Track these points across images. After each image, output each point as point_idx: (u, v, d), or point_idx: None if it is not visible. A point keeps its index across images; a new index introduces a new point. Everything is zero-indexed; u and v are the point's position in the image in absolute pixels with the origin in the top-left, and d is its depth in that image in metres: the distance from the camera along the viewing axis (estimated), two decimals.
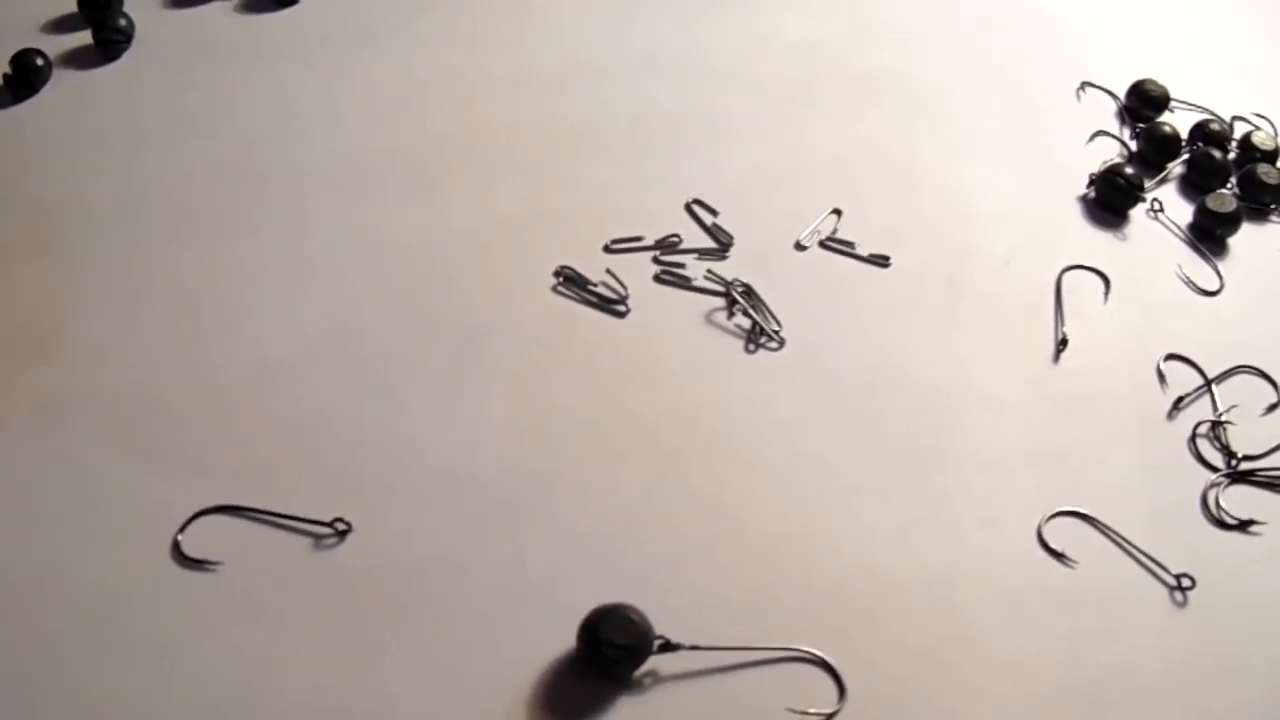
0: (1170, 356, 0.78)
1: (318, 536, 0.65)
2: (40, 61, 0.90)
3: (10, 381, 0.71)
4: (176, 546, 0.64)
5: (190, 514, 0.65)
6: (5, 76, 0.89)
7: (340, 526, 0.66)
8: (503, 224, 0.83)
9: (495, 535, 0.66)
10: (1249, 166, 0.90)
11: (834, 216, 0.84)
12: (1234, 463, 0.73)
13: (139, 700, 0.59)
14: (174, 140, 0.87)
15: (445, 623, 0.63)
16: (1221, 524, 0.70)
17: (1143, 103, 0.96)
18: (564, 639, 0.61)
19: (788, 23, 1.02)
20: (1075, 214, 0.88)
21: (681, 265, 0.80)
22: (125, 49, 0.94)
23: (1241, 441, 0.73)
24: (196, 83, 0.92)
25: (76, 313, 0.75)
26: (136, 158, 0.85)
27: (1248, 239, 0.87)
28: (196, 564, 0.64)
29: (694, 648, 0.61)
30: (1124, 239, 0.86)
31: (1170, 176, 0.92)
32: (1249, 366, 0.78)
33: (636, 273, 0.80)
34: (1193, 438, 0.74)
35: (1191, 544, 0.69)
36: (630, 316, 0.78)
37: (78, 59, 0.93)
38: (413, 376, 0.73)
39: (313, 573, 0.64)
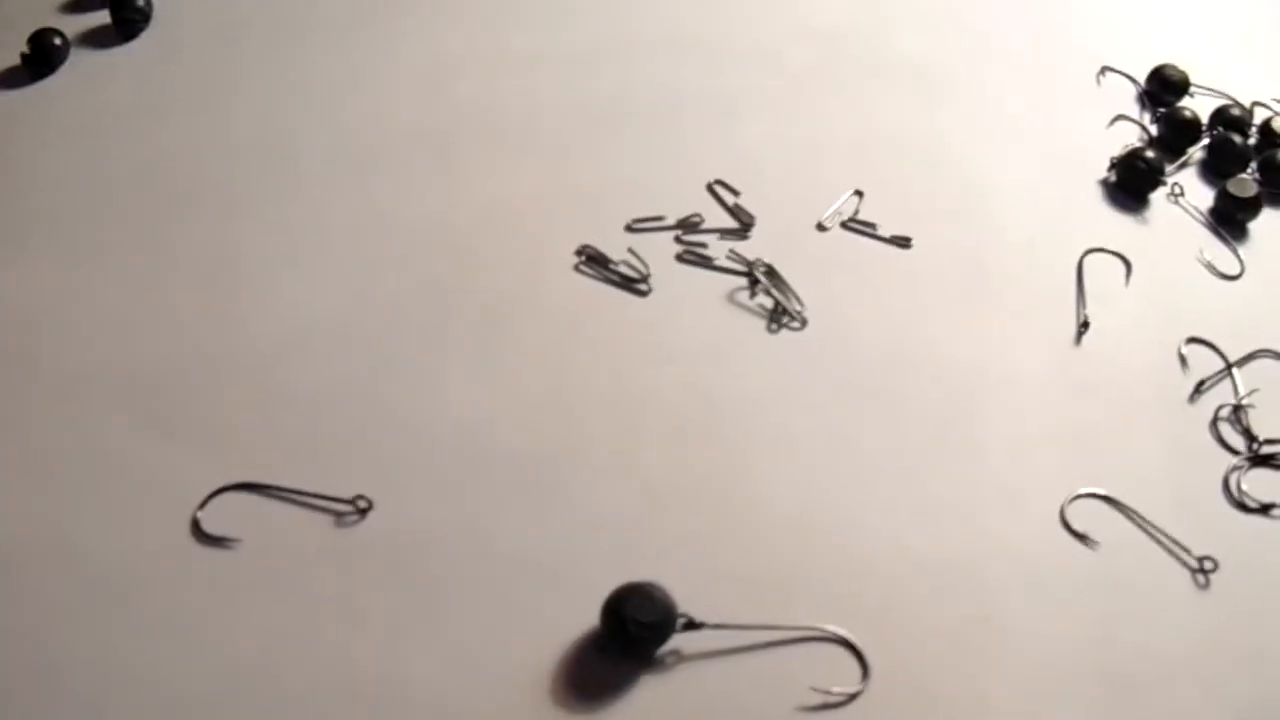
0: (1191, 340, 0.78)
1: (338, 514, 0.65)
2: (58, 41, 0.90)
3: (31, 358, 0.71)
4: (196, 523, 0.64)
5: (210, 491, 0.65)
6: (24, 56, 0.89)
7: (361, 504, 0.65)
8: (525, 202, 0.82)
9: (517, 513, 0.66)
10: (1269, 151, 0.90)
11: (856, 198, 0.84)
12: (1255, 446, 0.72)
13: (158, 675, 0.59)
14: (194, 119, 0.87)
15: (467, 600, 0.62)
16: (1243, 507, 0.70)
17: (1163, 87, 0.95)
18: (587, 617, 0.61)
19: (810, 5, 1.01)
20: (1096, 197, 0.87)
21: (703, 245, 0.80)
22: (144, 28, 0.94)
23: (1263, 425, 0.73)
24: (216, 62, 0.92)
25: (96, 289, 0.75)
26: (156, 136, 0.85)
27: (1268, 224, 0.87)
28: (216, 541, 0.64)
29: (718, 626, 0.61)
30: (1145, 223, 0.86)
31: (1190, 161, 0.91)
32: (1270, 350, 0.77)
33: (658, 252, 0.79)
34: (1214, 421, 0.74)
35: (1213, 527, 0.68)
36: (652, 296, 0.78)
37: (96, 39, 0.93)
38: (434, 354, 0.73)
39: (333, 550, 0.64)
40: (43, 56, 0.89)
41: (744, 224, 0.82)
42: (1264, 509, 0.69)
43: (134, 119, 0.86)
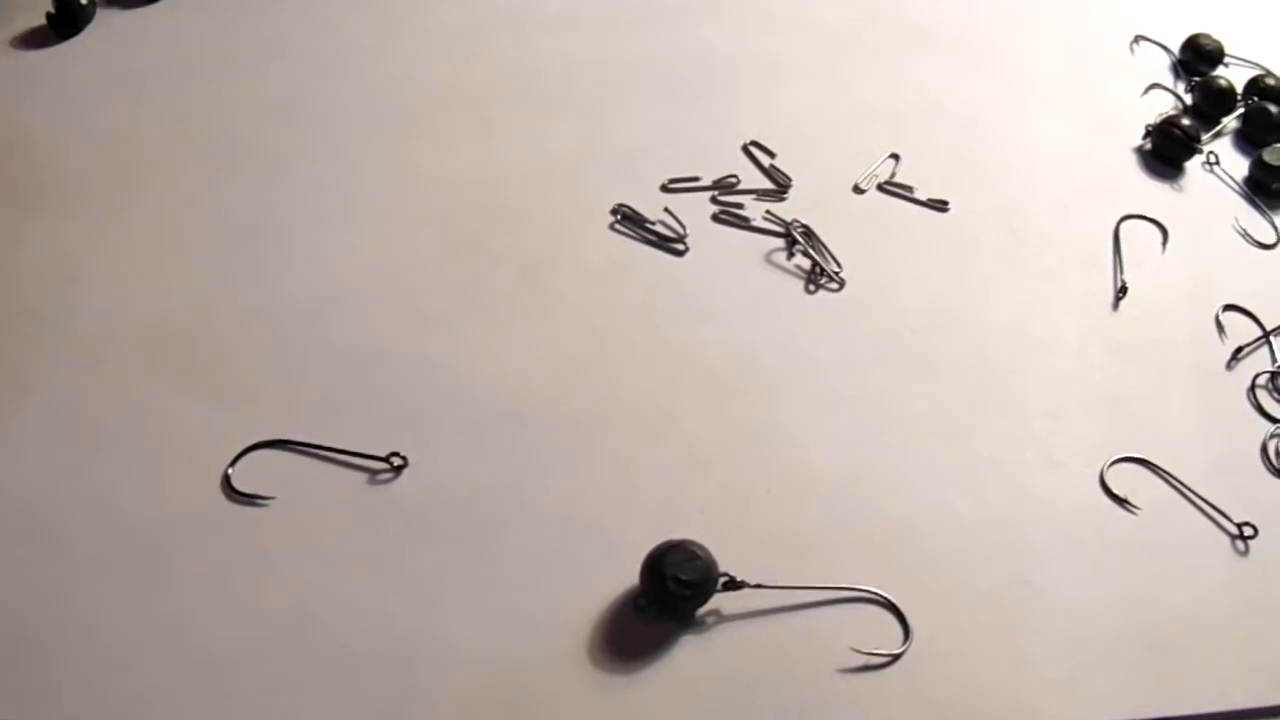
0: (1229, 307, 0.77)
1: (373, 471, 0.65)
2: (84, 0, 0.89)
3: (65, 316, 0.71)
4: (227, 480, 0.63)
5: (241, 448, 0.65)
6: (49, 16, 0.89)
7: (396, 461, 0.65)
8: (560, 162, 0.82)
9: (555, 471, 0.66)
10: None
11: (892, 161, 0.84)
12: None
13: (190, 631, 0.58)
14: (225, 79, 0.86)
15: (504, 559, 0.62)
16: None
17: (1197, 57, 0.95)
18: (626, 576, 0.61)
19: None
20: (1132, 165, 0.87)
21: (740, 205, 0.80)
22: None
23: None
24: (245, 21, 0.91)
25: (129, 248, 0.75)
26: (187, 96, 0.84)
27: None
28: (247, 498, 0.63)
29: (758, 586, 0.60)
30: (1180, 190, 0.85)
31: (1225, 130, 0.91)
32: None
33: (695, 212, 0.79)
34: (1252, 388, 0.73)
35: (1252, 493, 0.68)
36: (689, 255, 0.77)
37: None
38: (469, 311, 0.73)
39: (367, 508, 0.63)
40: (68, 16, 0.89)
41: (780, 185, 0.81)
42: None
43: (163, 79, 0.86)
